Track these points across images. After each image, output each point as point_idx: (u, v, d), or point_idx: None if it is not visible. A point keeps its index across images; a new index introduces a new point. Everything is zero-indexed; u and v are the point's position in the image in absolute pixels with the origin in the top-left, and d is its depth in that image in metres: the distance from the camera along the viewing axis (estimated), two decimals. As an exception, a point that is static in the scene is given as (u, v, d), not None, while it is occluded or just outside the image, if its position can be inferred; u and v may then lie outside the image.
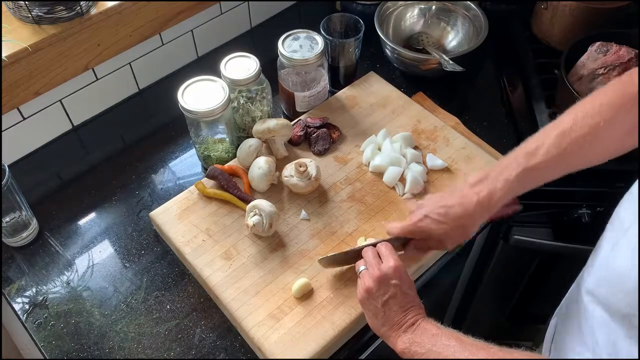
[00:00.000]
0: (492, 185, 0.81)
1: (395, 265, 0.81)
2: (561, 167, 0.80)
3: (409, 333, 0.78)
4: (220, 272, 0.95)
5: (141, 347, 0.93)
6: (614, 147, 0.79)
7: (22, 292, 1.00)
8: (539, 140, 0.79)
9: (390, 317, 0.80)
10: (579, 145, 0.77)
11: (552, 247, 1.23)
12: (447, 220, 0.84)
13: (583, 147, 0.77)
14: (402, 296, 0.80)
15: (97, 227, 1.08)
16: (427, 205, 0.87)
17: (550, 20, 1.28)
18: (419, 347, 0.76)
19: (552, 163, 0.78)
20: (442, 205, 0.85)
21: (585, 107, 0.78)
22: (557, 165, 0.79)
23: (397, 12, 1.35)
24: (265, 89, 1.11)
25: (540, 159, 0.78)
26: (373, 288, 0.81)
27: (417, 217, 0.87)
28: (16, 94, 1.05)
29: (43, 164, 1.18)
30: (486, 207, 0.82)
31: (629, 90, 0.75)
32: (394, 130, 1.15)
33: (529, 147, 0.80)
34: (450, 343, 0.74)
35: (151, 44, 1.24)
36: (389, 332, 0.80)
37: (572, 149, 0.77)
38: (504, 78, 1.32)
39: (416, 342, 0.77)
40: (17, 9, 1.03)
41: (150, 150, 1.20)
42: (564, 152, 0.77)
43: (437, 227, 0.85)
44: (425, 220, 0.86)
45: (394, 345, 0.80)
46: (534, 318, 1.53)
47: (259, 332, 0.89)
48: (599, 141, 0.77)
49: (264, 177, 1.03)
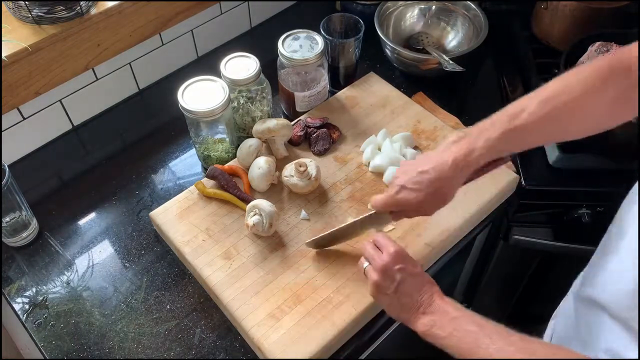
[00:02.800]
0: (472, 144, 0.79)
1: (395, 251, 0.81)
2: (545, 132, 0.78)
3: (428, 314, 0.77)
4: (220, 272, 0.95)
5: (141, 347, 0.93)
6: (601, 117, 0.77)
7: (22, 292, 1.00)
8: (523, 104, 0.77)
9: (406, 301, 0.79)
10: (564, 110, 0.75)
11: (552, 247, 1.23)
12: (422, 187, 0.82)
13: (568, 113, 0.76)
14: (410, 278, 0.79)
15: (97, 227, 1.08)
16: (402, 176, 0.85)
17: (550, 20, 1.28)
18: (440, 330, 0.75)
19: (536, 126, 0.76)
20: (417, 172, 0.82)
21: (572, 76, 0.77)
22: (541, 129, 0.77)
23: (397, 12, 1.35)
24: (265, 89, 1.11)
25: (524, 121, 0.76)
26: (380, 280, 0.81)
27: (394, 190, 0.85)
28: (16, 94, 1.05)
29: (43, 164, 1.18)
30: (462, 166, 0.80)
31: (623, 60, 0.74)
32: (394, 130, 1.15)
33: (511, 110, 0.78)
34: (471, 328, 0.73)
35: (151, 44, 1.24)
36: (409, 316, 0.79)
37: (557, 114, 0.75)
38: (504, 78, 1.32)
39: (437, 324, 0.75)
40: (17, 9, 1.03)
41: (150, 150, 1.20)
42: (547, 115, 0.75)
43: (414, 195, 0.83)
44: (402, 192, 0.84)
45: (415, 328, 0.78)
46: (534, 318, 1.53)
47: (259, 332, 0.89)
48: (583, 108, 0.75)
49: (264, 177, 1.03)
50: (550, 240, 1.23)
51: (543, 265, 1.34)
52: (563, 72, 0.77)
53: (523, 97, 0.79)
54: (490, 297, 1.51)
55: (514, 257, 1.33)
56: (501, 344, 0.69)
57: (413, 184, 0.82)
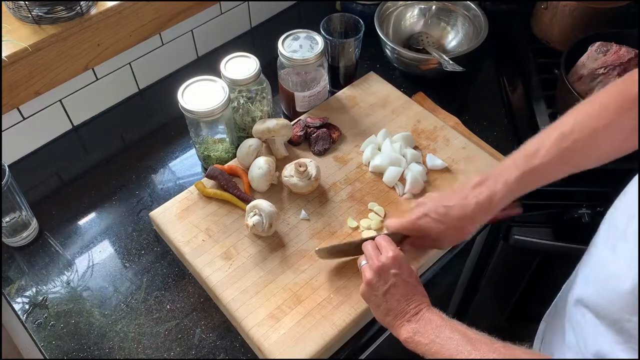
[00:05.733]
0: (492, 187, 0.81)
1: (393, 255, 0.81)
2: (561, 169, 0.80)
3: (412, 322, 0.78)
4: (220, 272, 0.95)
5: (141, 347, 0.93)
6: (614, 149, 0.78)
7: (22, 292, 1.00)
8: (539, 143, 0.79)
9: (393, 306, 0.80)
10: (579, 147, 0.77)
11: (552, 247, 1.23)
12: (446, 220, 0.84)
13: (583, 149, 0.77)
14: (402, 285, 0.80)
15: (97, 227, 1.08)
16: (428, 204, 0.87)
17: (550, 20, 1.28)
18: (423, 337, 0.76)
19: (552, 165, 0.78)
20: (442, 205, 0.84)
21: (586, 109, 0.78)
22: (557, 168, 0.79)
23: (397, 12, 1.35)
24: (265, 89, 1.11)
25: (540, 161, 0.78)
26: (373, 279, 0.81)
27: (416, 215, 0.87)
28: (16, 94, 1.05)
29: (43, 164, 1.18)
30: (485, 209, 0.82)
31: (629, 91, 0.75)
32: (394, 130, 1.15)
33: (528, 149, 0.80)
34: (453, 336, 0.73)
35: (151, 44, 1.24)
36: (393, 322, 0.80)
37: (572, 151, 0.77)
38: (504, 78, 1.32)
39: (420, 332, 0.76)
40: (17, 9, 1.03)
41: (150, 150, 1.20)
42: (563, 154, 0.77)
43: (436, 226, 0.85)
44: (424, 219, 0.86)
45: (397, 335, 0.79)
46: (533, 318, 1.53)
47: (259, 332, 0.89)
48: (599, 143, 0.77)
49: (263, 177, 1.03)
50: (550, 240, 1.23)
51: (543, 265, 1.34)
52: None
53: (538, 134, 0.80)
54: (490, 297, 1.51)
55: (513, 257, 1.33)
56: (484, 350, 0.70)
57: (437, 214, 0.84)
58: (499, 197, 0.81)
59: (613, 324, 0.64)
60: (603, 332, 0.66)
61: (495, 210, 0.82)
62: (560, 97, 1.17)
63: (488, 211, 0.82)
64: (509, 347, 0.70)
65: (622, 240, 0.65)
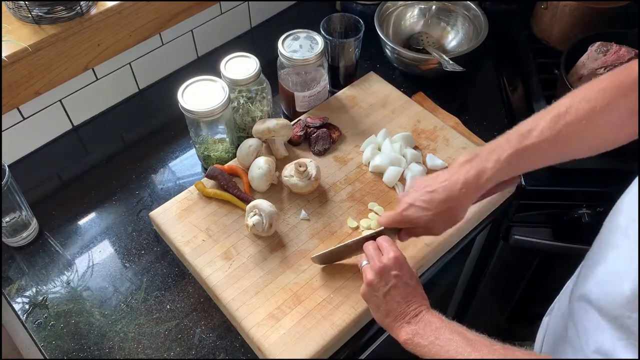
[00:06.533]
0: (482, 164, 0.79)
1: (394, 256, 0.81)
2: (555, 152, 0.78)
3: (412, 324, 0.77)
4: (220, 272, 0.95)
5: (141, 347, 0.93)
6: (610, 135, 0.77)
7: (22, 292, 1.00)
8: (534, 122, 0.77)
9: (393, 307, 0.79)
10: (574, 129, 0.75)
11: (552, 247, 1.23)
12: (431, 206, 0.81)
13: (578, 132, 0.75)
14: (403, 286, 0.80)
15: (97, 227, 1.08)
16: (412, 193, 0.84)
17: (550, 20, 1.28)
18: (422, 339, 0.75)
19: (546, 145, 0.76)
20: (426, 191, 0.82)
21: (582, 92, 0.76)
22: (551, 149, 0.77)
23: (397, 12, 1.35)
24: (265, 89, 1.11)
25: (534, 141, 0.76)
26: (374, 280, 0.81)
27: (402, 207, 0.85)
28: (16, 94, 1.05)
29: (43, 164, 1.18)
30: (474, 187, 0.79)
31: (627, 77, 0.73)
32: (394, 130, 1.15)
33: (522, 128, 0.78)
34: (453, 337, 0.73)
35: (151, 44, 1.24)
36: (392, 323, 0.79)
37: (567, 133, 0.75)
38: (504, 78, 1.32)
39: (419, 333, 0.76)
40: (17, 9, 1.03)
41: (150, 150, 1.20)
42: (558, 135, 0.75)
43: (423, 214, 0.82)
44: (410, 209, 0.84)
45: (397, 336, 0.79)
46: (533, 318, 1.53)
47: (259, 332, 0.89)
48: (594, 127, 0.75)
49: (264, 177, 1.03)
50: (550, 240, 1.23)
51: (543, 265, 1.34)
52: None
53: (534, 115, 0.79)
54: (490, 297, 1.51)
55: (513, 257, 1.33)
56: (484, 352, 0.70)
57: (422, 202, 0.82)
58: (488, 175, 0.78)
59: (614, 320, 0.64)
60: (604, 329, 0.66)
61: (483, 189, 0.80)
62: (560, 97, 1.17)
63: (476, 190, 0.80)
64: (509, 349, 0.70)
65: (624, 238, 0.65)
